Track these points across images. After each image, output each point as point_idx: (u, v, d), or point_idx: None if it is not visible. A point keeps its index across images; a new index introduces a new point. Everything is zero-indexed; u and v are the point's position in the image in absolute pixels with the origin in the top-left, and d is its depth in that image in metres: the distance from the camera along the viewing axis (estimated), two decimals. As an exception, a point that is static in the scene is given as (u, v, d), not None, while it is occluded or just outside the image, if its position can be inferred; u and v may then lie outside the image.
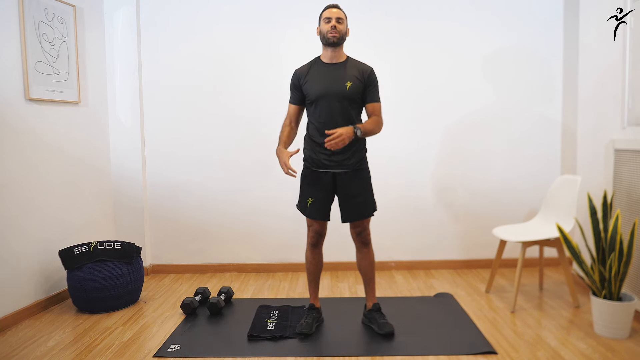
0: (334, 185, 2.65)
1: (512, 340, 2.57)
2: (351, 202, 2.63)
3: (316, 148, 2.63)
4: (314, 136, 2.64)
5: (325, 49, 2.64)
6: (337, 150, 2.57)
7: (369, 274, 2.77)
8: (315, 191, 2.66)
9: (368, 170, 2.71)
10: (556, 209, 3.23)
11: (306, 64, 2.71)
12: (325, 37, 2.58)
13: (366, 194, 2.67)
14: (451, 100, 3.85)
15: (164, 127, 3.87)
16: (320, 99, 2.57)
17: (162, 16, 3.81)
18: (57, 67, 3.25)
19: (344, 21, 2.60)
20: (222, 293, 3.20)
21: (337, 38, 2.57)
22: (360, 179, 2.64)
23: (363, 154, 2.68)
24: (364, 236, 2.71)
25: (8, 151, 2.89)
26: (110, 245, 3.12)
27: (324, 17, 2.60)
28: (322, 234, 2.75)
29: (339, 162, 2.60)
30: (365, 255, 2.74)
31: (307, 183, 2.69)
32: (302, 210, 2.72)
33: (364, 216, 2.66)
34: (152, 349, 2.53)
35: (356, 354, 2.45)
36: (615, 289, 2.58)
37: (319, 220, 2.69)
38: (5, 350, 2.54)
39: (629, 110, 2.89)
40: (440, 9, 3.80)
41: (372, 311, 2.75)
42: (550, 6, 3.79)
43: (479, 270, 3.87)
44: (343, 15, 2.61)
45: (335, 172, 2.62)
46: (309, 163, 2.68)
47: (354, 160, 2.61)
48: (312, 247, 2.77)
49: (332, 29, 2.54)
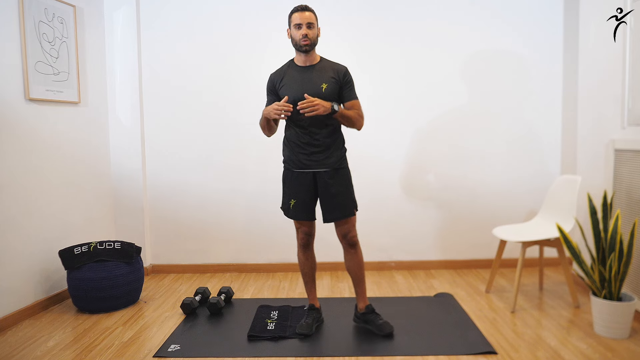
0: (314, 185, 2.65)
1: (512, 340, 2.57)
2: (332, 201, 2.63)
3: (295, 149, 2.64)
4: (292, 138, 2.65)
5: (299, 54, 2.64)
6: (316, 149, 2.59)
7: (358, 275, 2.76)
8: (297, 192, 2.66)
9: (348, 169, 2.71)
10: (556, 209, 3.23)
11: (280, 68, 2.70)
12: (297, 44, 2.57)
13: (347, 192, 2.67)
14: (451, 101, 3.85)
15: (164, 127, 3.87)
16: (298, 100, 2.55)
17: (162, 16, 3.81)
18: (57, 67, 3.25)
19: (314, 25, 2.57)
20: (222, 293, 3.20)
21: (309, 45, 2.56)
22: (340, 178, 2.64)
23: (342, 153, 2.68)
24: (349, 237, 2.69)
25: (8, 151, 2.89)
26: (110, 245, 3.12)
27: (293, 22, 2.56)
28: (311, 234, 2.75)
29: (318, 161, 2.60)
30: (353, 257, 2.73)
31: (289, 184, 2.70)
32: (286, 212, 2.72)
33: (345, 215, 2.65)
34: (152, 349, 2.53)
35: (356, 354, 2.45)
36: (615, 289, 2.58)
37: (303, 220, 2.70)
38: (5, 350, 2.54)
39: (629, 110, 2.89)
40: (438, 8, 3.79)
41: (367, 313, 2.74)
42: (550, 6, 3.79)
43: (479, 270, 3.87)
44: (313, 17, 2.57)
45: (316, 172, 2.62)
46: (288, 165, 2.69)
47: (333, 160, 2.62)
48: (304, 249, 2.77)
49: (303, 37, 2.53)
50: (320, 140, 2.60)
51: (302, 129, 2.60)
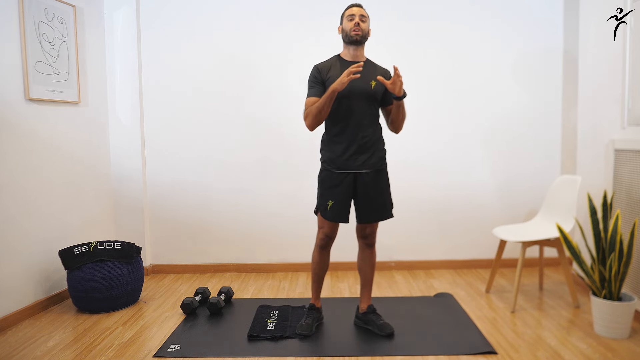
0: (354, 186, 2.59)
1: (512, 340, 2.57)
2: (371, 203, 2.59)
3: (337, 149, 2.57)
4: (335, 138, 2.58)
5: (347, 47, 2.61)
6: (359, 150, 2.54)
7: (368, 276, 2.76)
8: (335, 193, 2.58)
9: (387, 171, 2.68)
10: (556, 209, 3.23)
11: (327, 60, 2.65)
12: (348, 35, 2.56)
13: (386, 195, 2.64)
14: (451, 101, 3.85)
15: (164, 127, 3.87)
16: (344, 97, 2.52)
17: (162, 16, 3.81)
18: (57, 67, 3.25)
19: (367, 20, 2.58)
20: (222, 293, 3.20)
21: (360, 36, 2.55)
22: (381, 180, 2.61)
23: (383, 154, 2.65)
24: (371, 238, 2.69)
25: (8, 151, 2.89)
26: (110, 245, 3.12)
27: (347, 15, 2.58)
28: (332, 237, 2.70)
29: (360, 162, 2.55)
30: (368, 257, 2.73)
31: (327, 186, 2.60)
32: (323, 214, 2.63)
33: (383, 217, 2.63)
34: (152, 349, 2.53)
35: (356, 354, 2.45)
36: (615, 289, 2.58)
37: (340, 222, 2.63)
38: (5, 350, 2.54)
39: (629, 110, 2.89)
40: (438, 9, 3.79)
41: (368, 313, 2.74)
42: (550, 6, 3.79)
43: (479, 270, 3.87)
44: (366, 14, 2.60)
45: (357, 173, 2.57)
46: (328, 165, 2.61)
47: (374, 160, 2.58)
48: (321, 249, 2.73)
49: (355, 26, 2.53)
50: (364, 140, 2.55)
51: (349, 126, 2.53)
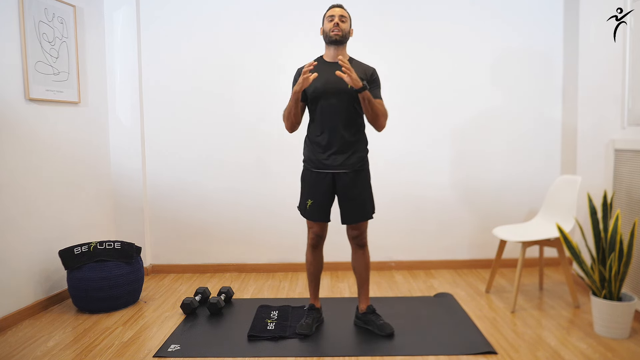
0: (333, 186, 2.63)
1: (512, 340, 2.57)
2: (351, 203, 2.62)
3: (316, 148, 2.62)
4: (313, 137, 2.63)
5: (328, 48, 2.63)
6: (337, 150, 2.56)
7: (363, 275, 2.76)
8: (314, 192, 2.64)
9: (368, 171, 2.69)
10: (556, 209, 3.23)
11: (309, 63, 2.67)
12: (327, 35, 2.58)
13: (366, 195, 2.65)
14: (451, 101, 3.85)
15: (164, 127, 3.87)
16: (322, 97, 2.55)
17: (162, 16, 3.81)
18: (57, 67, 3.25)
19: (347, 20, 2.59)
20: (222, 293, 3.20)
21: (340, 36, 2.56)
22: (360, 180, 2.62)
23: (364, 155, 2.66)
24: (360, 239, 2.70)
25: (8, 151, 2.89)
26: (110, 245, 3.12)
27: (327, 15, 2.60)
28: (323, 235, 2.74)
29: (339, 162, 2.58)
30: (361, 257, 2.73)
31: (307, 184, 2.68)
32: (302, 213, 2.70)
33: (364, 218, 2.65)
34: (152, 349, 2.53)
35: (356, 354, 2.45)
36: (615, 289, 2.58)
37: (319, 221, 2.68)
38: (5, 350, 2.54)
39: (629, 110, 2.89)
40: (439, 9, 3.79)
41: (367, 313, 2.74)
42: (550, 6, 3.79)
43: (479, 270, 3.87)
44: (347, 14, 2.61)
45: (335, 173, 2.60)
46: (308, 164, 2.67)
47: (354, 161, 2.60)
48: (313, 249, 2.76)
49: (334, 26, 2.54)
50: (342, 140, 2.56)
51: (326, 126, 2.56)
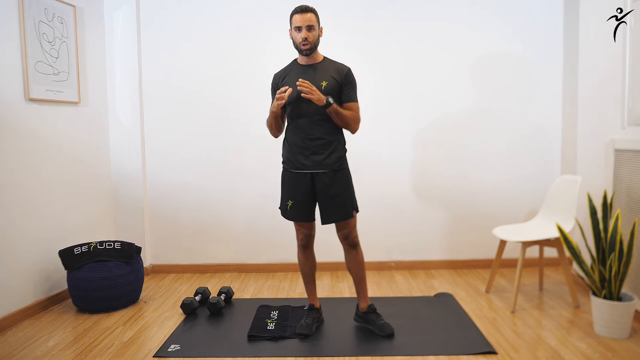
0: (312, 186, 2.62)
1: (512, 340, 2.57)
2: (330, 203, 2.60)
3: (294, 149, 2.62)
4: (291, 138, 2.63)
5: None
6: (315, 150, 2.56)
7: (359, 275, 2.75)
8: (294, 193, 2.64)
9: (348, 170, 2.67)
10: (556, 209, 3.23)
11: (284, 67, 2.69)
12: (298, 47, 2.56)
13: (345, 194, 2.63)
14: (451, 101, 3.85)
15: (164, 127, 3.87)
16: (297, 100, 2.54)
17: (162, 16, 3.81)
18: (57, 67, 3.25)
19: (315, 26, 2.53)
20: (222, 293, 3.20)
21: (310, 49, 2.53)
22: (338, 180, 2.61)
23: (342, 155, 2.65)
24: (351, 238, 2.68)
25: (8, 151, 2.89)
26: (110, 245, 3.12)
27: (294, 24, 2.53)
28: (311, 235, 2.73)
29: (316, 162, 2.57)
30: (354, 257, 2.72)
31: (287, 185, 2.68)
32: (283, 213, 2.70)
33: (344, 217, 2.62)
34: (152, 349, 2.53)
35: (356, 354, 2.45)
36: (615, 289, 2.58)
37: (300, 221, 2.68)
38: (5, 350, 2.54)
39: (629, 110, 2.89)
40: (438, 9, 3.79)
41: (368, 313, 2.74)
42: (550, 6, 3.79)
43: (479, 270, 3.87)
44: (314, 18, 2.52)
45: (314, 173, 2.59)
46: (287, 165, 2.67)
47: (332, 161, 2.58)
48: (303, 249, 2.76)
49: (303, 41, 2.50)
50: (319, 141, 2.57)
51: (302, 128, 2.58)
